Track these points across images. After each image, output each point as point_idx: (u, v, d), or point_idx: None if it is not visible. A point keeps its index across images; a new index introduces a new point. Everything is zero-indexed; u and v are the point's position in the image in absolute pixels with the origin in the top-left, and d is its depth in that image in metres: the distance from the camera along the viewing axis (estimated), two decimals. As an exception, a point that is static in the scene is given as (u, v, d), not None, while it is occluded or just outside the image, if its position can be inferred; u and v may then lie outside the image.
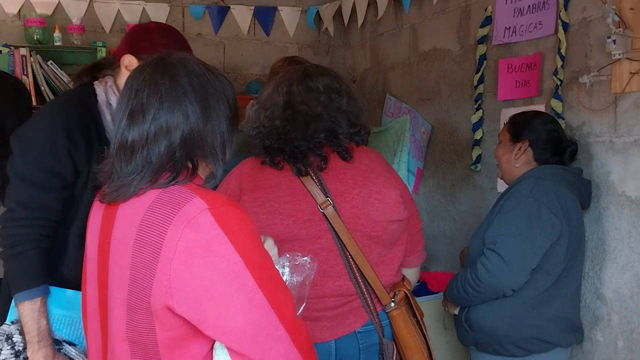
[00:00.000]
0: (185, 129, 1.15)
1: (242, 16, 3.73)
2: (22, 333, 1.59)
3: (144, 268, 1.09)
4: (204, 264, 1.06)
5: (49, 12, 3.36)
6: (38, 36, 3.25)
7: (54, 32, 3.28)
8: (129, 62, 1.70)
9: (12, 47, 3.15)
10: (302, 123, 1.62)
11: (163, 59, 1.22)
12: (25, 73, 3.14)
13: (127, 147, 1.15)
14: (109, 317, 1.19)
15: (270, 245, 1.38)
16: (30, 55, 3.15)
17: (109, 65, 1.79)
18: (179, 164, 1.15)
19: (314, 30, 3.95)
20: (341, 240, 1.59)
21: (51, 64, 3.21)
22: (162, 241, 1.07)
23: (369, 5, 3.46)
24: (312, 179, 1.61)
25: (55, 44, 3.27)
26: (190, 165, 1.17)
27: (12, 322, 1.63)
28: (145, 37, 1.73)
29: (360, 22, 3.51)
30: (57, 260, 1.69)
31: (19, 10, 3.33)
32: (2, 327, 1.63)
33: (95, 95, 1.73)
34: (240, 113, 1.31)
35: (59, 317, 1.65)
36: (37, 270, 1.61)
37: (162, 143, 1.13)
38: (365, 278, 1.62)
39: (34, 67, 3.16)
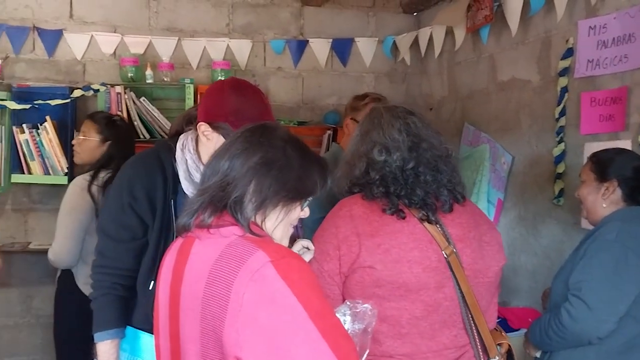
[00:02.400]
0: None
1: (320, 49, 3.83)
2: None
3: (214, 321, 1.15)
4: (269, 315, 1.10)
5: (142, 51, 3.59)
6: (132, 74, 3.48)
7: (146, 69, 3.50)
8: (205, 129, 1.76)
9: (108, 86, 3.39)
10: (433, 164, 1.58)
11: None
12: (120, 109, 3.37)
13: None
14: None
15: (298, 248, 1.54)
16: (125, 93, 3.39)
17: (194, 119, 1.86)
18: (245, 212, 1.22)
19: (390, 60, 3.99)
20: (461, 289, 1.55)
21: (143, 100, 3.43)
22: (229, 295, 1.13)
23: (446, 34, 3.47)
24: (434, 224, 1.56)
25: (147, 81, 3.49)
26: (256, 217, 1.24)
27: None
28: (218, 104, 1.75)
29: (437, 52, 3.52)
30: (133, 305, 1.82)
31: (115, 50, 3.58)
32: None
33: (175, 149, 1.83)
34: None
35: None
36: (106, 315, 1.76)
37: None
38: (477, 328, 1.58)
39: (128, 104, 3.39)
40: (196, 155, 1.81)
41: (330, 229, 1.58)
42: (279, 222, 1.28)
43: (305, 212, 1.34)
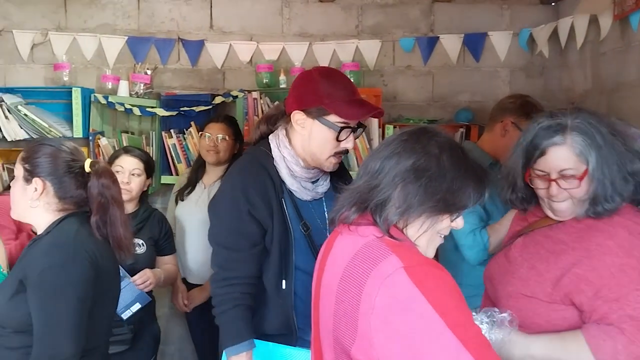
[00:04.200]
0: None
1: (451, 45, 3.75)
2: None
3: (345, 318, 1.16)
4: (404, 321, 1.09)
5: (275, 57, 3.73)
6: (266, 80, 3.63)
7: (280, 75, 3.63)
8: (299, 118, 1.79)
9: (246, 92, 3.56)
10: None
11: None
12: (256, 114, 3.53)
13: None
14: (323, 359, 1.28)
15: None
16: (260, 98, 3.54)
17: (281, 116, 1.90)
18: (390, 214, 1.21)
19: (527, 53, 3.80)
20: None
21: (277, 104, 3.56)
22: (360, 295, 1.13)
23: (589, 23, 3.24)
24: None
25: (281, 86, 3.62)
26: (398, 222, 1.22)
27: None
28: (310, 91, 1.78)
29: (579, 42, 3.30)
30: (262, 313, 1.82)
31: (251, 58, 3.76)
32: None
33: (271, 149, 1.86)
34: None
35: None
36: (240, 327, 1.75)
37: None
38: None
39: (264, 109, 3.53)
40: (293, 149, 1.83)
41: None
42: (423, 232, 1.23)
43: (458, 224, 1.27)
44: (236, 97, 3.56)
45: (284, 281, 1.81)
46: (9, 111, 3.39)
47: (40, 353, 1.58)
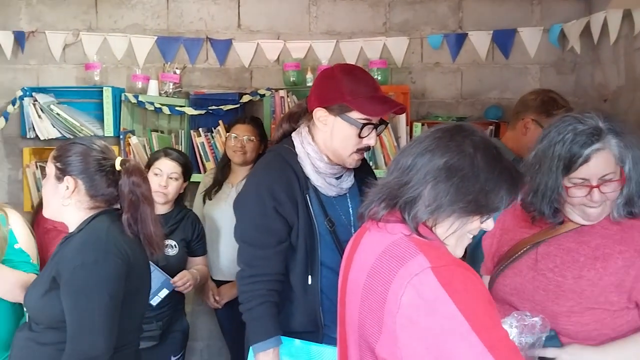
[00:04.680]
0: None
1: (480, 41, 3.69)
2: None
3: (371, 315, 1.16)
4: (429, 322, 1.08)
5: (302, 55, 3.72)
6: (293, 78, 3.63)
7: (307, 73, 3.64)
8: (321, 115, 1.79)
9: (273, 90, 3.57)
10: None
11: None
12: (283, 112, 3.53)
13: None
14: (348, 355, 1.29)
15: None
16: (287, 96, 3.54)
17: (303, 114, 1.91)
18: (418, 212, 1.19)
19: (558, 49, 3.73)
20: None
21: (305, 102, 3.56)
22: (387, 293, 1.13)
23: (623, 18, 3.17)
24: None
25: (307, 84, 3.61)
26: (427, 221, 1.20)
27: None
28: (332, 87, 1.79)
29: (613, 38, 3.23)
30: (288, 310, 1.83)
31: (278, 56, 3.76)
32: None
33: (294, 147, 1.87)
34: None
35: None
36: (266, 324, 1.76)
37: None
38: None
39: (291, 107, 3.53)
40: (316, 145, 1.84)
41: None
42: (452, 233, 1.21)
43: (488, 225, 1.24)
44: (263, 95, 3.58)
45: (310, 277, 1.82)
46: (42, 110, 3.47)
47: (73, 350, 1.61)
